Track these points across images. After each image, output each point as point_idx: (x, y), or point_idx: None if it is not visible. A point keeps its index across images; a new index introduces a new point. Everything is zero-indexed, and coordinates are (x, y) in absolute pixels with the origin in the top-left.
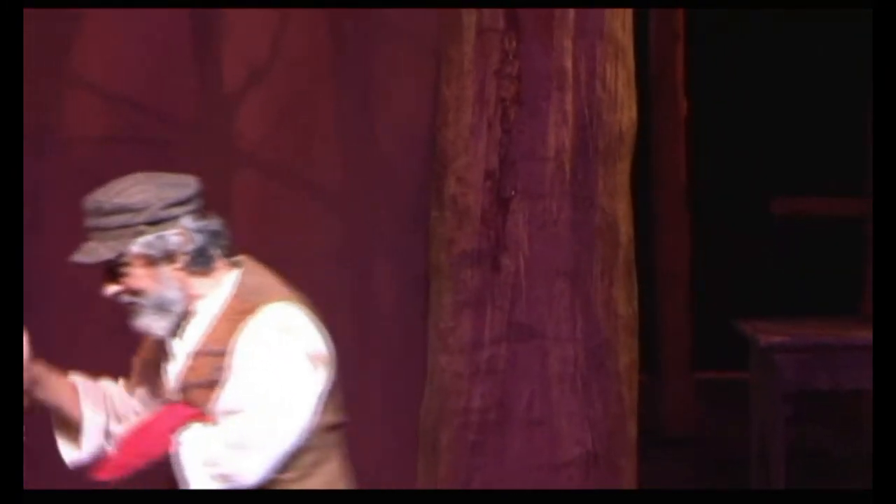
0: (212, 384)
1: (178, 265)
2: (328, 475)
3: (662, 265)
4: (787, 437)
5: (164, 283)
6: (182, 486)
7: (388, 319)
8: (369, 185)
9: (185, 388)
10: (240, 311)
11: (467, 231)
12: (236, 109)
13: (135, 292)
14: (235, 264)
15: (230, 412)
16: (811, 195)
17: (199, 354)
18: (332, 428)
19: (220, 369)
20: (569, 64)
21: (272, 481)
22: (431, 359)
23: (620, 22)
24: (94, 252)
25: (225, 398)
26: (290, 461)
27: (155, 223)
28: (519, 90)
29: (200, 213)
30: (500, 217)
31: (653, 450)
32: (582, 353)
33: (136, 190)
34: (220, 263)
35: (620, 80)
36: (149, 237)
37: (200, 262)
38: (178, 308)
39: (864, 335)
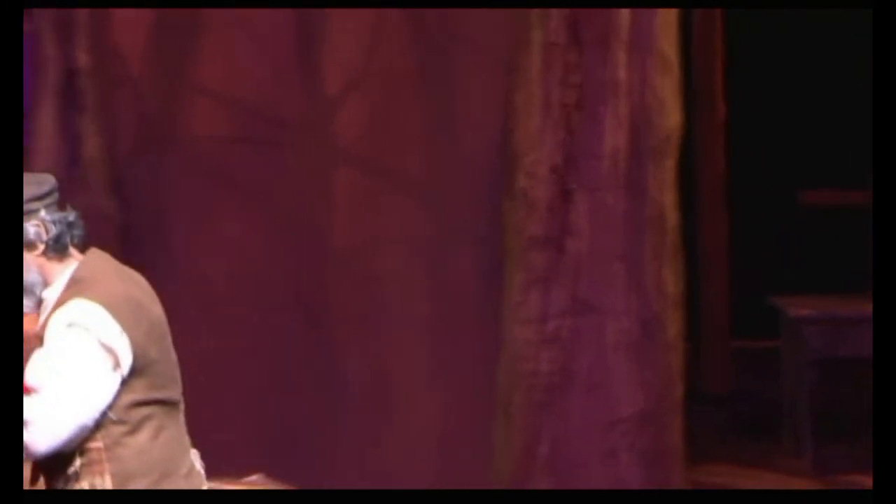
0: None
1: (37, 252)
2: (139, 445)
3: (704, 248)
4: (812, 398)
5: (25, 269)
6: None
7: (469, 295)
8: (451, 180)
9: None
10: (60, 302)
11: (535, 219)
12: (336, 112)
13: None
14: (82, 255)
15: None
16: (833, 188)
17: (36, 338)
18: (140, 404)
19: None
20: (623, 75)
21: (84, 449)
22: (505, 330)
23: (668, 38)
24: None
25: (27, 379)
26: (95, 433)
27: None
28: (580, 97)
29: (57, 206)
30: (563, 207)
31: (695, 407)
32: (635, 325)
33: None
34: (73, 253)
35: (667, 88)
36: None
37: (56, 250)
38: (38, 291)
39: None
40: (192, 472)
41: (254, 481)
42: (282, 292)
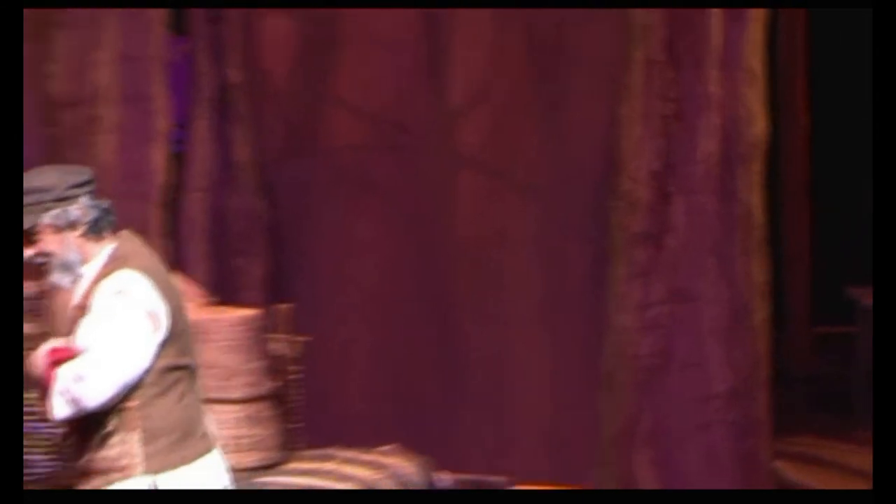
0: (78, 317)
1: (77, 233)
2: (167, 406)
3: (788, 244)
4: None
5: (67, 248)
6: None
7: (577, 286)
8: (562, 183)
9: (69, 333)
10: (103, 275)
11: (637, 218)
12: (459, 122)
13: (45, 255)
14: (117, 237)
15: (81, 353)
16: None
17: (76, 308)
18: (171, 369)
19: (84, 312)
20: (715, 89)
21: (120, 408)
22: (610, 317)
23: (754, 54)
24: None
25: (78, 341)
26: (132, 392)
27: (60, 200)
28: (677, 109)
29: (94, 194)
30: (662, 207)
31: (779, 386)
32: (726, 312)
33: (44, 176)
34: (107, 235)
35: (754, 100)
36: (55, 211)
37: (94, 231)
38: (77, 268)
39: None
40: (207, 433)
41: (388, 450)
42: (410, 284)
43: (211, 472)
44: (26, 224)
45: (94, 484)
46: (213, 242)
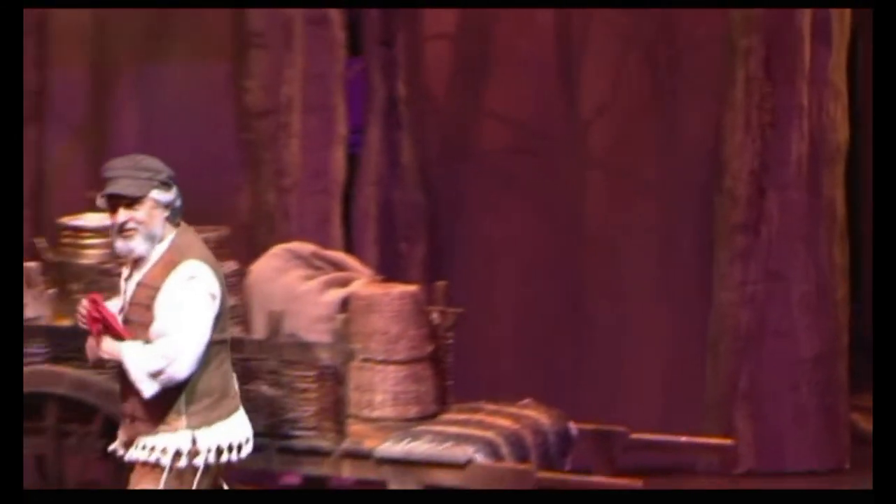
0: (145, 307)
1: (166, 213)
2: (210, 373)
3: (865, 233)
4: None
5: (156, 222)
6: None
7: (687, 268)
8: (675, 181)
9: (131, 304)
10: (169, 261)
11: (738, 211)
12: (589, 129)
13: (139, 222)
14: (177, 226)
15: (159, 334)
16: None
17: (141, 285)
18: (215, 343)
19: (151, 299)
20: (805, 101)
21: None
22: (714, 293)
23: (838, 72)
24: (128, 188)
25: (156, 325)
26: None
27: (165, 183)
28: (772, 118)
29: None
30: (758, 201)
31: (857, 352)
32: (812, 289)
33: (153, 160)
34: (177, 224)
35: (838, 111)
36: (160, 189)
37: (174, 217)
38: (155, 242)
39: None
40: (237, 393)
41: (527, 404)
42: (546, 266)
43: (239, 426)
44: (136, 192)
45: (140, 435)
46: (382, 230)
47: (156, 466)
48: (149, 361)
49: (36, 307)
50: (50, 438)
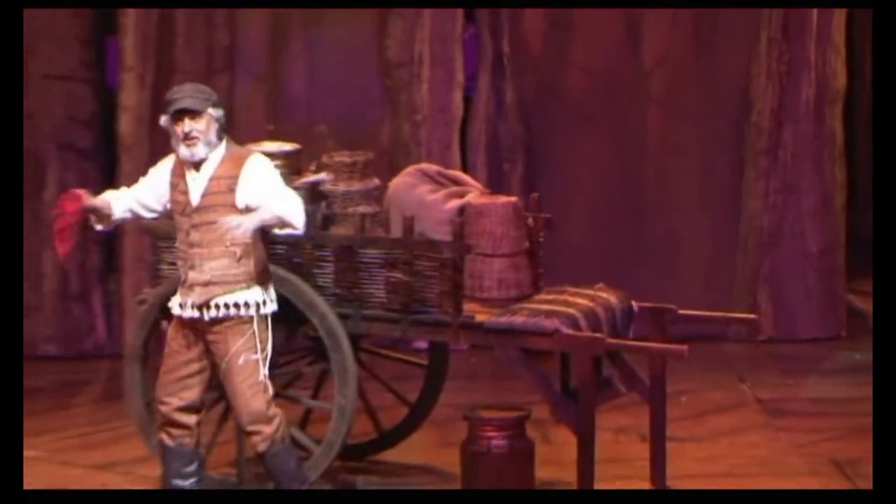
0: (226, 191)
1: (218, 126)
2: (263, 247)
3: (860, 155)
4: None
5: (212, 132)
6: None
7: (723, 182)
8: (714, 116)
9: (206, 194)
10: (237, 156)
11: (762, 139)
12: (650, 76)
13: (200, 132)
14: (223, 138)
15: (251, 204)
16: None
17: (214, 178)
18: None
19: (230, 186)
20: (812, 56)
21: (245, 243)
22: (744, 201)
23: (839, 31)
24: (192, 104)
25: (245, 197)
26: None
27: (216, 103)
28: (788, 69)
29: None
30: (777, 131)
31: (853, 247)
32: (819, 199)
33: (207, 87)
34: (221, 139)
35: (838, 63)
36: (214, 107)
37: (221, 132)
38: (211, 148)
39: None
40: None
41: (600, 287)
42: (615, 182)
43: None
44: (198, 107)
45: (217, 297)
46: (490, 154)
47: (241, 318)
48: (296, 209)
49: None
50: None
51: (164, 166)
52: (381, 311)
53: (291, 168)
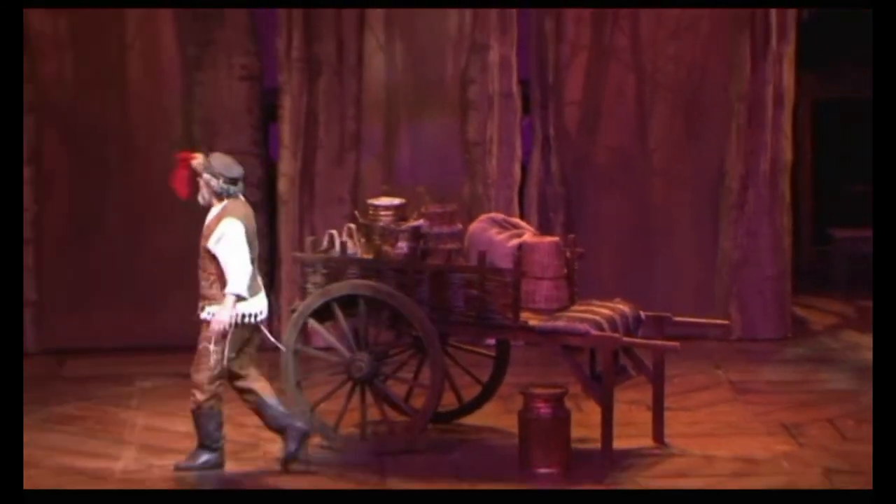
0: (207, 236)
1: (209, 189)
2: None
3: (804, 210)
4: None
5: (205, 190)
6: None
7: (704, 233)
8: (700, 183)
9: (202, 236)
10: (220, 217)
11: (732, 198)
12: (653, 154)
13: (200, 186)
14: (228, 199)
15: (213, 250)
16: None
17: (206, 226)
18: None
19: (210, 231)
20: (768, 139)
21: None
22: (720, 245)
23: (787, 121)
24: (197, 167)
25: (212, 244)
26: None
27: (215, 175)
28: (751, 149)
29: (221, 177)
30: (744, 193)
31: (797, 274)
32: (773, 240)
33: (221, 165)
34: (222, 200)
35: (786, 143)
36: (210, 175)
37: (219, 193)
38: (206, 201)
39: None
40: (260, 283)
41: (617, 301)
42: (629, 230)
43: (257, 302)
44: (199, 170)
45: (208, 305)
46: (540, 207)
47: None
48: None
49: (354, 247)
50: (360, 319)
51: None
52: (461, 318)
53: (399, 216)
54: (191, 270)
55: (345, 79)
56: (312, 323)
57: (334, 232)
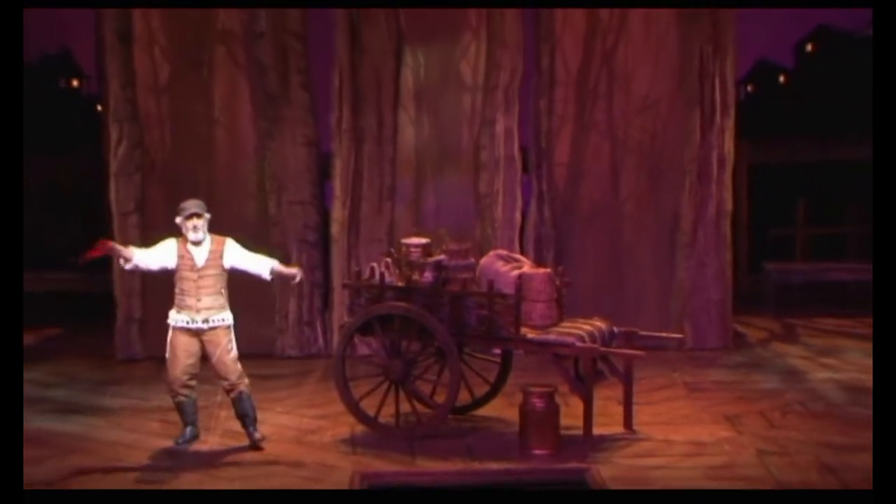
0: (219, 259)
1: (207, 226)
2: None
3: (741, 245)
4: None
5: (206, 225)
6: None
7: (663, 267)
8: (661, 227)
9: (207, 260)
10: (219, 240)
11: (685, 238)
12: (626, 202)
13: (202, 225)
14: (211, 235)
15: (235, 264)
16: None
17: (210, 251)
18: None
19: (220, 256)
20: (713, 191)
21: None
22: (676, 275)
23: (728, 175)
24: (201, 210)
25: (231, 260)
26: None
27: (207, 211)
28: (699, 199)
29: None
30: (694, 235)
31: (736, 298)
32: (717, 271)
33: (204, 203)
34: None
35: (727, 194)
36: (207, 213)
37: (205, 231)
38: (204, 236)
39: None
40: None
41: (595, 318)
42: (606, 264)
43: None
44: (203, 211)
45: (213, 315)
46: (536, 244)
47: (228, 327)
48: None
49: (390, 277)
50: (395, 333)
51: (170, 246)
52: (474, 332)
53: (425, 252)
54: (259, 291)
55: (383, 145)
56: (358, 336)
57: (375, 265)
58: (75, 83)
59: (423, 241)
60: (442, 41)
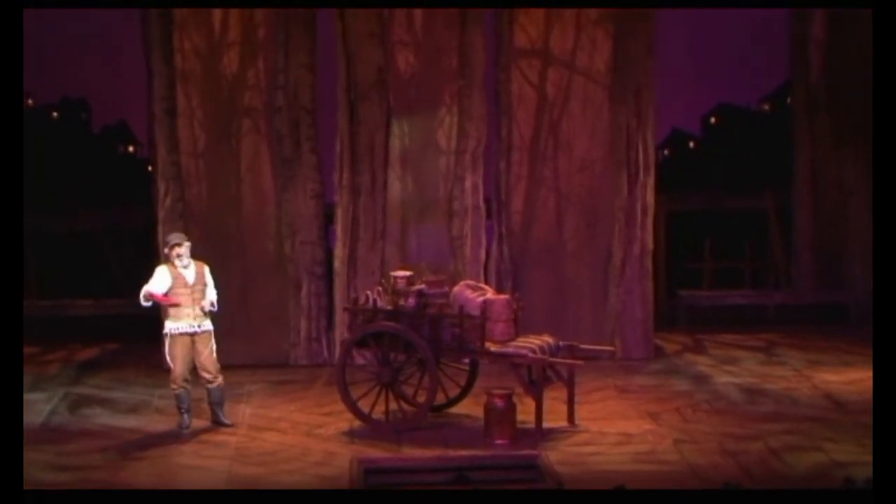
0: (203, 277)
1: (188, 252)
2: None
3: (657, 223)
4: None
5: (188, 252)
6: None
7: (596, 290)
8: (597, 263)
9: (195, 278)
10: (199, 264)
11: (616, 271)
12: (567, 246)
13: (186, 253)
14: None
15: (208, 282)
16: None
17: (196, 273)
18: None
19: (203, 276)
20: (639, 234)
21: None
22: (608, 298)
23: (649, 220)
24: (183, 240)
25: (208, 279)
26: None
27: (187, 241)
28: (627, 241)
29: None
30: (623, 268)
31: (656, 318)
32: (641, 297)
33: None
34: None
35: (648, 237)
36: (188, 242)
37: (189, 254)
38: (188, 261)
39: None
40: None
41: (545, 334)
42: (553, 293)
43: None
44: (185, 242)
45: (202, 322)
46: (497, 276)
47: (211, 332)
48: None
49: (381, 302)
50: (385, 346)
51: (165, 272)
52: (448, 346)
53: (409, 283)
54: (278, 314)
55: (376, 197)
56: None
57: (369, 293)
58: (131, 149)
59: (408, 273)
60: (422, 115)
